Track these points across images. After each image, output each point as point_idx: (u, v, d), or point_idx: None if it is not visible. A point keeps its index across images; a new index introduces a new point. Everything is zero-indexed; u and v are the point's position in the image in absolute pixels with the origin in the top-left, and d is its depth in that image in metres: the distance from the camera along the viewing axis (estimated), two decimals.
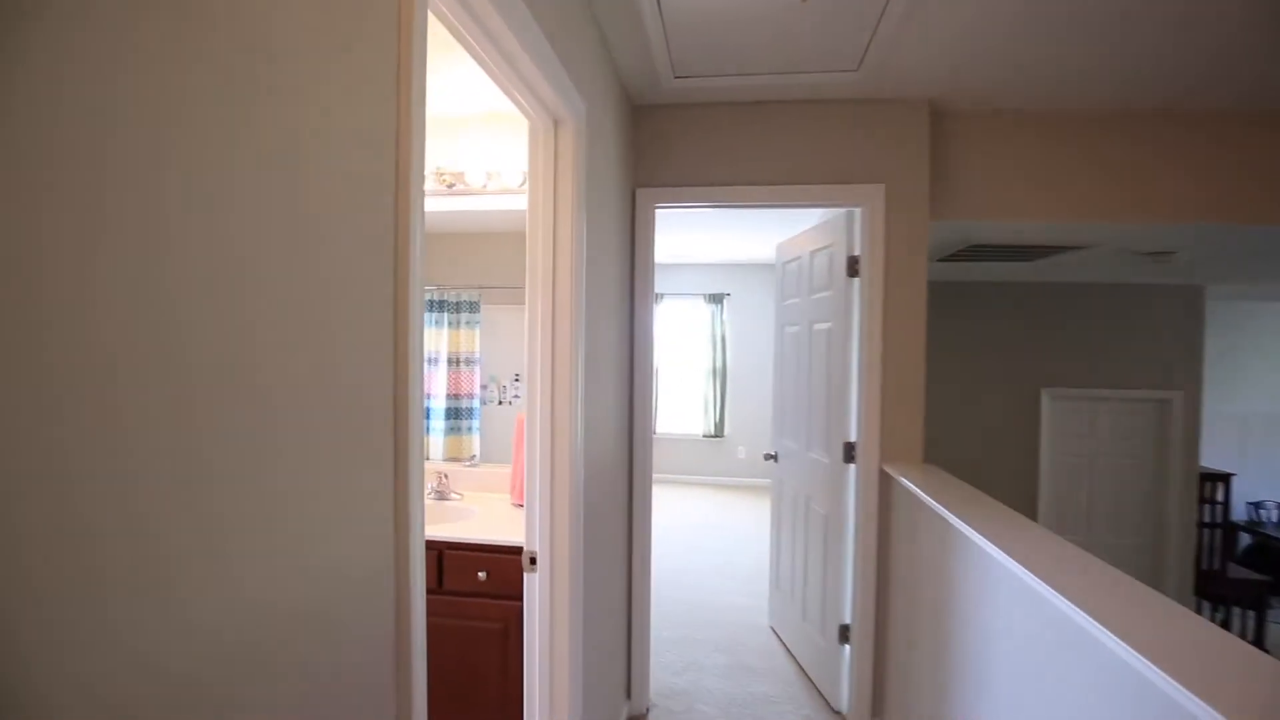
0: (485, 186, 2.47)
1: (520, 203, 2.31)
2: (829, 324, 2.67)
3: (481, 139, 2.52)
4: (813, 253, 2.85)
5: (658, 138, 2.54)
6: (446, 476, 2.46)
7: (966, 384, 4.68)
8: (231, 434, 0.54)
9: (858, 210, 2.46)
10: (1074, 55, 2.01)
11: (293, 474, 0.61)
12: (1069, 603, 1.09)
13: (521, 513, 2.19)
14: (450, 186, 2.51)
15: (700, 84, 2.32)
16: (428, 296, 2.54)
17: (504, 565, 1.94)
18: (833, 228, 2.66)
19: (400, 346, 0.78)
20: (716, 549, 4.73)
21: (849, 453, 2.51)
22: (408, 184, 0.78)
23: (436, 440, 2.55)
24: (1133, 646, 0.91)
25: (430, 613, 1.99)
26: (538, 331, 1.57)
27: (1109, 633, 0.97)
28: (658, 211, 2.57)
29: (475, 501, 2.39)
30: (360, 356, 0.72)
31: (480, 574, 1.94)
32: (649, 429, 2.59)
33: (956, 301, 4.66)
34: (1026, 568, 1.26)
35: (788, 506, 3.13)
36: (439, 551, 1.98)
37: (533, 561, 1.58)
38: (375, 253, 0.75)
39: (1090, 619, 1.02)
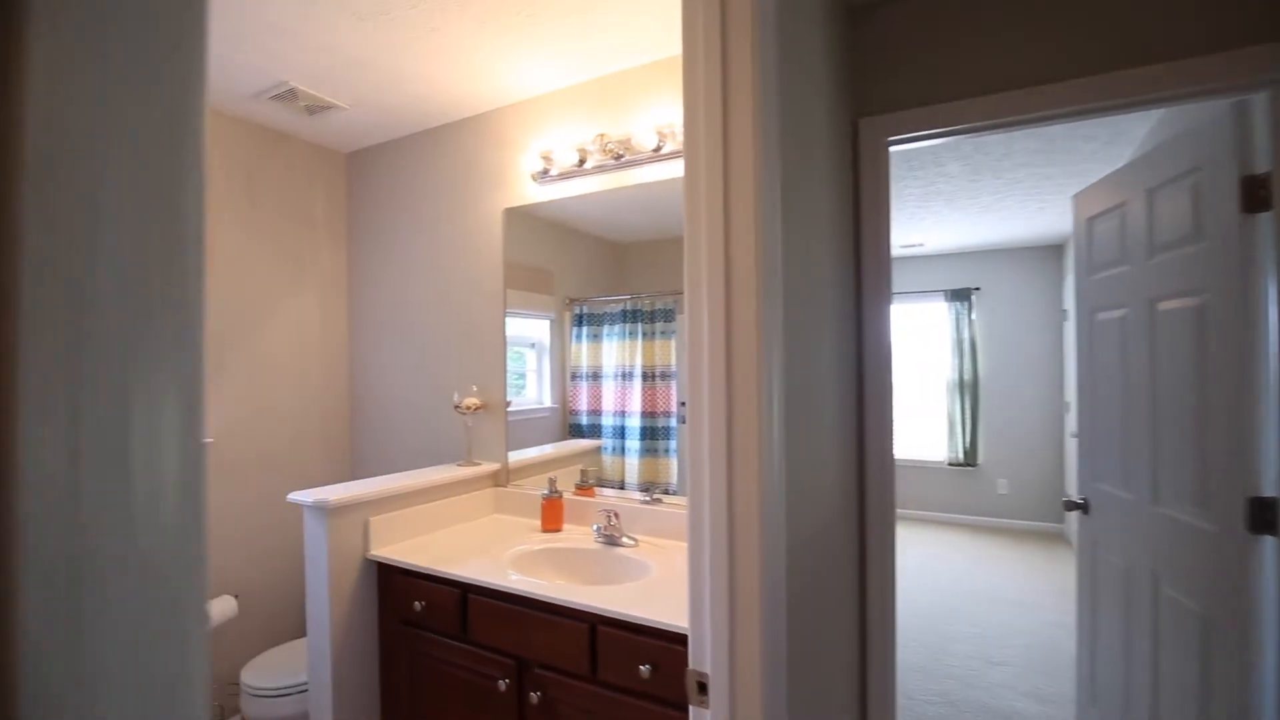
0: (659, 149, 1.97)
1: None
2: (1198, 298, 1.63)
3: (648, 95, 2.03)
4: (1152, 190, 1.82)
5: (886, 43, 1.77)
6: (618, 516, 1.96)
7: None
8: None
9: (1257, 98, 1.43)
10: None
11: None
12: None
13: None
14: (618, 158, 2.06)
15: None
16: (620, 307, 2.11)
17: (674, 661, 1.35)
18: (1194, 141, 1.63)
19: None
20: (977, 617, 3.59)
21: (1260, 515, 1.45)
22: None
23: (632, 462, 2.14)
24: None
25: (581, 709, 1.49)
26: (703, 316, 0.97)
27: None
28: (893, 153, 1.81)
29: (652, 551, 1.86)
30: None
31: (642, 667, 1.38)
32: (888, 471, 1.81)
33: None
34: None
35: (1112, 583, 2.06)
36: (591, 625, 1.47)
37: (701, 688, 0.97)
38: None
39: None
